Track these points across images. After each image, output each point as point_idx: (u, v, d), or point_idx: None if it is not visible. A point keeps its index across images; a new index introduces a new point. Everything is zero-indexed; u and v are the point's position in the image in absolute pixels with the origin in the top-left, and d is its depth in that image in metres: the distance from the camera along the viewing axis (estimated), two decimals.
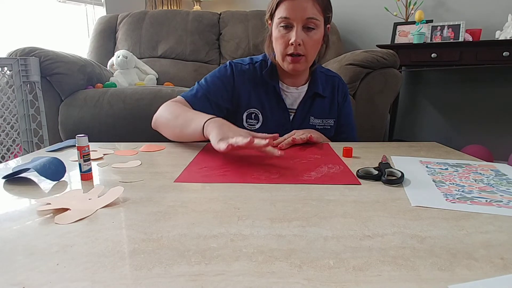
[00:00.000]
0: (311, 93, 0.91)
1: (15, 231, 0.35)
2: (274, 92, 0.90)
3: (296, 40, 0.78)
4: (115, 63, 1.79)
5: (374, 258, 0.29)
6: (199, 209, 0.40)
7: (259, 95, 0.90)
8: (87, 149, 0.52)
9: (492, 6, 2.00)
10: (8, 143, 1.33)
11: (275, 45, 0.85)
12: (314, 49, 0.84)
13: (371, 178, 0.52)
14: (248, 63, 0.92)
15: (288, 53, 0.81)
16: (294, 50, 0.80)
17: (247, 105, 0.90)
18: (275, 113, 0.90)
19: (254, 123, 0.91)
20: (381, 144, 0.79)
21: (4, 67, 1.30)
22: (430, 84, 2.25)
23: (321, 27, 0.82)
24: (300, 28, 0.79)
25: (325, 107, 0.94)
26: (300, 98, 0.92)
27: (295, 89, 0.91)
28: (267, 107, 0.90)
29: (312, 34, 0.80)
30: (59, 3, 2.25)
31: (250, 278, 0.26)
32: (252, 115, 0.91)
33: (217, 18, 2.15)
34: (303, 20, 0.78)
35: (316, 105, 0.93)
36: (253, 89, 0.90)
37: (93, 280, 0.26)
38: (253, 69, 0.91)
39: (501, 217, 0.38)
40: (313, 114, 0.93)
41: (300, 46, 0.80)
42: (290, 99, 0.92)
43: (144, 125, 1.32)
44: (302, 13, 0.78)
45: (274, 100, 0.90)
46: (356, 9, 2.28)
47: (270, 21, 0.86)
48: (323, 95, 0.93)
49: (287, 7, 0.79)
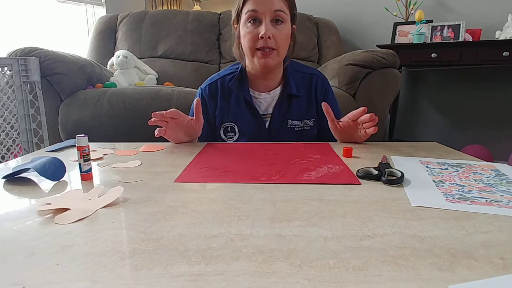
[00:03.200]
0: (285, 95, 0.89)
1: (15, 231, 0.35)
2: (245, 101, 0.89)
3: (266, 32, 0.77)
4: (115, 63, 1.79)
5: (374, 258, 0.29)
6: (199, 209, 0.40)
7: (231, 107, 0.90)
8: (87, 149, 0.52)
9: (492, 6, 2.00)
10: (8, 143, 1.33)
11: (244, 43, 0.83)
12: (284, 43, 0.82)
13: (371, 178, 0.52)
14: (217, 79, 0.92)
15: (258, 47, 0.80)
16: (264, 44, 0.79)
17: (222, 119, 0.91)
18: (249, 122, 0.90)
19: (232, 135, 0.92)
20: (381, 144, 0.79)
21: (4, 67, 1.30)
22: (430, 84, 2.25)
23: (288, 23, 0.82)
24: (268, 21, 0.79)
25: (303, 107, 0.92)
26: (274, 102, 0.90)
27: (267, 93, 0.90)
28: (240, 118, 0.90)
29: (281, 27, 0.80)
30: (59, 3, 2.25)
31: (250, 278, 0.26)
32: (228, 128, 0.91)
33: (217, 18, 2.15)
34: (271, 13, 0.78)
35: (293, 107, 0.90)
36: (225, 103, 0.91)
37: (93, 280, 0.26)
38: (222, 83, 0.91)
39: (501, 217, 0.38)
40: (291, 117, 0.91)
41: (270, 40, 0.79)
42: (264, 104, 0.91)
43: (144, 125, 1.32)
44: (270, 5, 0.78)
45: (246, 109, 0.90)
46: (356, 9, 2.28)
47: (237, 23, 0.86)
48: (298, 95, 0.90)
49: (254, 1, 0.79)
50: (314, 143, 0.79)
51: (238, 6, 0.83)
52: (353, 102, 1.42)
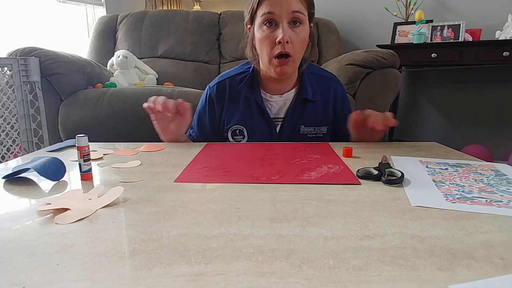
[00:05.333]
0: (300, 99, 0.85)
1: (15, 231, 0.35)
2: (256, 104, 0.85)
3: (283, 37, 0.73)
4: (115, 63, 1.79)
5: (374, 258, 0.29)
6: (199, 209, 0.40)
7: (241, 110, 0.87)
8: (87, 149, 0.52)
9: (492, 6, 2.00)
10: (8, 143, 1.33)
11: (260, 48, 0.79)
12: (301, 47, 0.79)
13: (371, 178, 0.52)
14: (226, 78, 0.88)
15: (275, 54, 0.76)
16: (282, 49, 0.75)
17: (230, 122, 0.88)
18: (259, 125, 0.86)
19: (240, 138, 0.88)
20: (381, 144, 0.79)
21: (4, 67, 1.30)
22: (430, 84, 2.25)
23: (307, 24, 0.78)
24: (286, 24, 0.74)
25: (318, 113, 0.87)
26: (286, 105, 0.86)
27: (280, 96, 0.86)
28: (250, 121, 0.86)
29: (299, 30, 0.76)
30: (59, 3, 2.25)
31: (250, 278, 0.26)
32: (237, 131, 0.88)
33: (217, 18, 2.15)
34: (288, 15, 0.73)
35: (307, 112, 0.86)
36: (233, 105, 0.87)
37: (93, 280, 0.26)
38: (231, 83, 0.87)
39: (501, 217, 0.38)
40: (304, 122, 0.86)
41: (288, 44, 0.75)
42: (275, 107, 0.87)
43: (144, 125, 1.32)
44: (287, 7, 0.73)
45: (256, 112, 0.86)
46: (356, 9, 2.28)
47: (251, 24, 0.81)
48: (314, 100, 0.86)
49: (270, 2, 0.74)
50: (314, 143, 0.79)
51: (252, 7, 0.78)
52: (353, 102, 1.42)
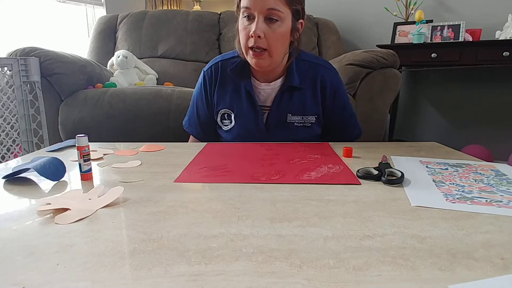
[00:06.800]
0: (286, 87, 0.84)
1: (15, 231, 0.35)
2: (245, 90, 0.86)
3: (255, 31, 0.74)
4: (115, 63, 1.79)
5: (374, 258, 0.29)
6: (199, 209, 0.40)
7: (230, 94, 0.87)
8: (87, 149, 0.52)
9: (492, 6, 2.00)
10: (8, 143, 1.33)
11: (240, 38, 0.81)
12: (278, 43, 0.78)
13: (371, 178, 0.52)
14: (219, 60, 0.89)
15: (250, 45, 0.77)
16: (254, 43, 0.76)
17: (220, 104, 0.89)
18: (247, 112, 0.86)
19: (228, 123, 0.89)
20: (381, 144, 0.79)
21: (4, 67, 1.30)
22: (430, 84, 2.25)
23: (287, 21, 0.77)
24: (261, 19, 0.75)
25: (306, 100, 0.86)
26: (274, 94, 0.86)
27: (267, 84, 0.86)
28: (238, 106, 0.87)
29: (276, 26, 0.76)
30: (59, 3, 2.25)
31: (250, 278, 0.26)
32: (225, 115, 0.89)
33: (217, 18, 2.15)
34: (263, 11, 0.74)
35: (294, 100, 0.85)
36: (223, 88, 0.88)
37: (93, 280, 0.26)
38: (223, 66, 0.88)
39: (501, 217, 0.38)
40: (291, 111, 0.86)
41: (261, 39, 0.75)
42: (263, 95, 0.87)
43: (144, 125, 1.33)
44: (262, 3, 0.74)
45: (245, 98, 0.86)
46: (356, 9, 2.28)
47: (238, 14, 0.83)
48: (300, 87, 0.85)
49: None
50: (314, 143, 0.79)
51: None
52: (353, 102, 1.42)
